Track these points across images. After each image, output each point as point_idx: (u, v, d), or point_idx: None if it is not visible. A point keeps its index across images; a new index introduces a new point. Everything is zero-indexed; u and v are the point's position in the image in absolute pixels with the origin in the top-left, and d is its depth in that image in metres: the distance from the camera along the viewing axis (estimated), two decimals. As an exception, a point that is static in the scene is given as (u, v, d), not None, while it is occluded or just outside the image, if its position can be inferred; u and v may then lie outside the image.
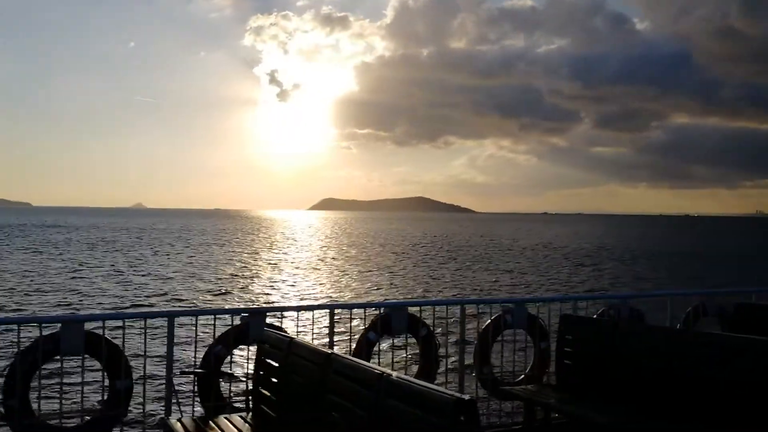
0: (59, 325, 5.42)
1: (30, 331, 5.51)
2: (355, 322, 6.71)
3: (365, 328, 6.57)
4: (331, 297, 28.83)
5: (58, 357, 5.47)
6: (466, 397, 3.21)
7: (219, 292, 29.47)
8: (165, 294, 28.43)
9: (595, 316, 7.55)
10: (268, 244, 71.68)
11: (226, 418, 5.24)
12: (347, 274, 39.27)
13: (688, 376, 5.41)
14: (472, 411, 3.13)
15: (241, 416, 5.29)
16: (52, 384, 5.93)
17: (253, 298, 27.97)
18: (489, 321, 7.09)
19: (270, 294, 29.85)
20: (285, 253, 57.84)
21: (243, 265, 44.69)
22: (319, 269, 43.34)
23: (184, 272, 38.30)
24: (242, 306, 23.22)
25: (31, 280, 32.28)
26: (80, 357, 5.53)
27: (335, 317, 6.52)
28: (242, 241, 77.61)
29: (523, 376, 7.27)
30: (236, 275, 37.46)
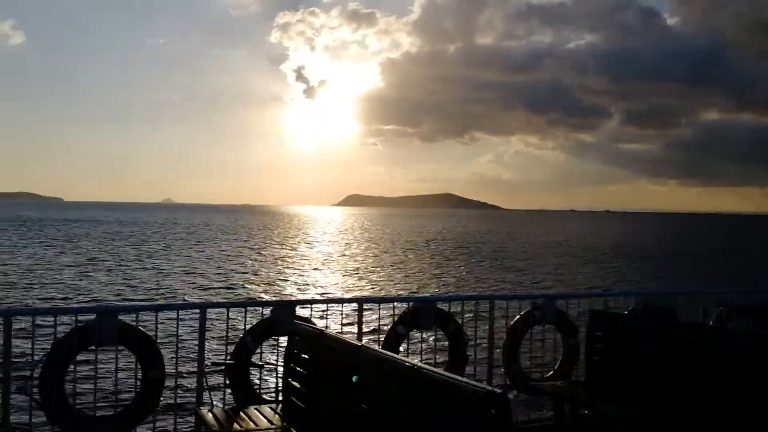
0: (94, 315, 5.50)
1: (66, 323, 5.59)
2: (383, 317, 6.72)
3: (394, 322, 6.58)
4: (359, 291, 29.04)
5: (93, 347, 5.56)
6: (498, 389, 3.20)
7: (249, 286, 30.02)
8: (196, 287, 29.04)
9: (625, 313, 7.47)
10: (295, 240, 72.35)
11: (256, 409, 5.29)
12: (374, 270, 39.50)
13: (720, 375, 5.33)
14: (503, 404, 3.12)
15: (271, 407, 5.34)
16: (87, 374, 6.02)
17: (283, 292, 28.35)
18: (518, 317, 7.06)
19: (299, 287, 30.25)
20: (311, 249, 58.37)
21: (272, 259, 45.39)
22: (345, 264, 43.66)
23: (215, 266, 39.10)
24: (272, 299, 23.47)
25: (63, 273, 33.06)
26: (114, 347, 5.61)
27: (364, 311, 6.55)
28: (270, 236, 78.45)
29: (552, 372, 7.23)
30: (265, 269, 38.08)
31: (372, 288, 30.46)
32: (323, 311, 6.68)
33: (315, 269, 39.70)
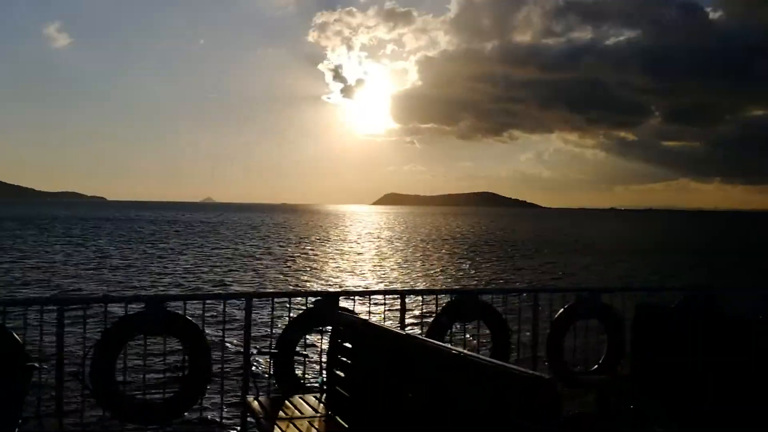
0: (143, 305, 5.62)
1: (117, 312, 5.71)
2: (426, 309, 6.73)
3: (437, 314, 6.57)
4: (400, 285, 29.24)
5: (142, 336, 5.67)
6: (546, 376, 3.18)
7: (293, 278, 30.69)
8: (242, 278, 29.86)
9: (672, 307, 7.34)
10: (335, 236, 73.21)
11: (300, 397, 5.35)
12: (415, 265, 39.75)
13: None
14: (551, 391, 3.09)
15: (315, 396, 5.38)
16: (136, 361, 6.15)
17: (326, 284, 28.86)
18: (562, 310, 7.00)
19: (341, 281, 30.73)
20: (351, 245, 59.04)
21: (313, 254, 46.19)
22: (387, 259, 44.09)
23: (260, 259, 40.11)
24: (315, 290, 23.81)
25: (115, 266, 34.17)
26: (162, 336, 5.72)
27: (406, 303, 6.55)
28: (310, 232, 79.44)
29: (596, 366, 7.15)
30: (308, 263, 38.79)
31: (413, 282, 30.67)
32: (366, 303, 6.71)
33: (357, 264, 40.31)
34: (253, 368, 5.82)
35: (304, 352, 6.12)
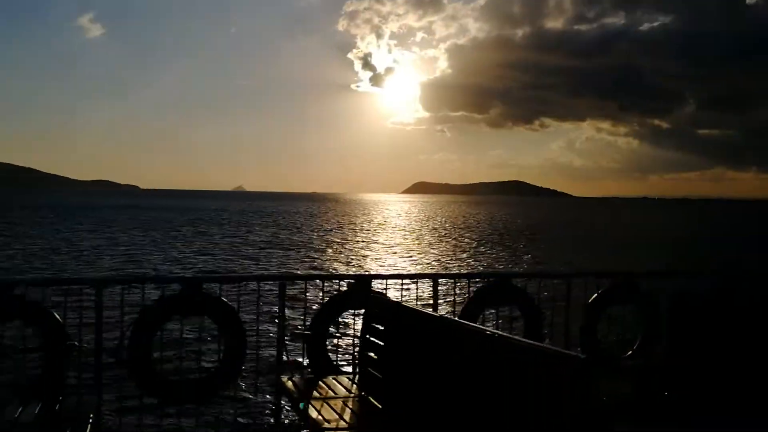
0: (179, 286, 5.70)
1: (153, 292, 5.82)
2: (458, 293, 6.71)
3: (469, 298, 6.56)
4: (431, 269, 29.44)
5: (178, 316, 5.75)
6: (581, 355, 3.16)
7: (326, 262, 31.27)
8: (276, 261, 30.54)
9: (710, 294, 7.22)
10: (367, 223, 73.92)
11: (334, 378, 5.40)
12: (447, 250, 39.99)
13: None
14: (588, 370, 3.07)
15: (348, 377, 5.43)
16: (173, 341, 6.26)
17: (358, 268, 29.25)
18: (596, 295, 6.93)
19: (373, 265, 31.16)
20: (383, 231, 59.63)
21: (346, 240, 46.86)
22: (418, 245, 44.45)
23: (294, 244, 40.97)
24: (348, 273, 24.13)
25: (152, 249, 35.15)
26: (198, 317, 5.80)
27: (439, 287, 6.55)
28: (342, 220, 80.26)
29: (630, 352, 7.07)
30: (340, 249, 39.38)
31: (445, 267, 30.87)
32: (398, 286, 6.73)
33: (388, 250, 40.83)
34: (287, 349, 5.86)
35: (337, 334, 6.16)
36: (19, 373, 5.50)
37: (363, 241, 47.66)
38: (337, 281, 6.41)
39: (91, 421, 4.12)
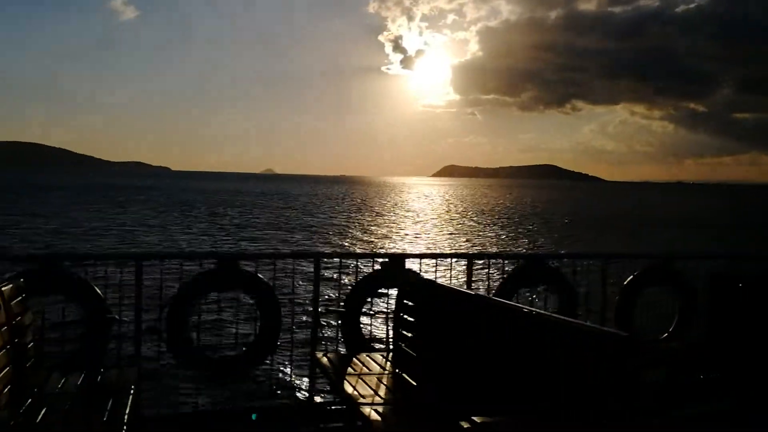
0: (216, 261, 5.77)
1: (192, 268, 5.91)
2: (493, 273, 6.71)
3: (504, 279, 6.54)
4: (466, 249, 29.61)
5: (215, 292, 5.84)
6: (624, 333, 3.14)
7: (361, 242, 31.72)
8: (312, 240, 31.06)
9: (747, 276, 7.11)
10: (399, 206, 74.38)
11: (367, 355, 5.43)
12: (481, 232, 40.04)
13: None
14: (631, 347, 3.05)
15: (382, 354, 5.46)
16: (210, 316, 6.36)
17: (391, 247, 29.61)
18: (632, 276, 6.87)
19: (407, 245, 31.48)
20: (415, 214, 59.95)
21: (377, 222, 47.30)
22: (451, 226, 44.60)
23: (329, 225, 41.55)
24: (382, 252, 24.39)
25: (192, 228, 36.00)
26: (234, 292, 5.87)
27: (473, 267, 6.54)
28: (374, 203, 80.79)
29: (666, 334, 7.01)
30: (373, 230, 39.82)
31: (478, 249, 30.97)
32: (432, 266, 6.73)
33: (420, 231, 41.11)
34: (321, 326, 5.92)
35: (371, 312, 6.19)
36: (62, 345, 5.63)
37: (394, 223, 48.00)
38: (370, 260, 6.43)
39: (132, 392, 4.21)
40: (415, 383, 4.62)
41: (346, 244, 32.60)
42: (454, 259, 6.91)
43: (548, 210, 71.26)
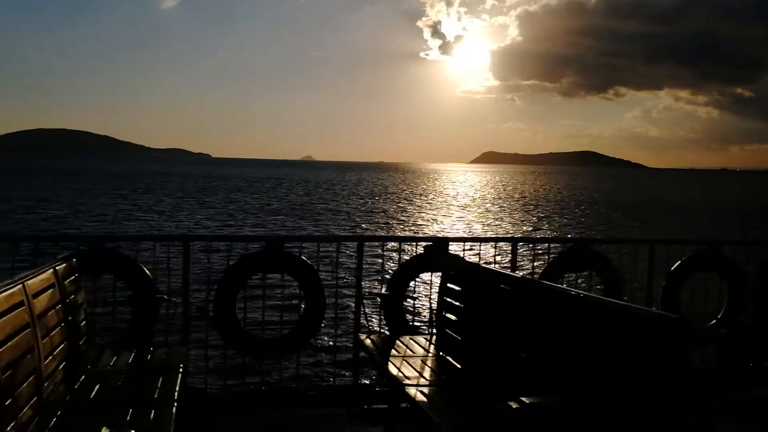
0: (262, 244, 5.84)
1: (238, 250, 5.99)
2: (537, 258, 6.65)
3: (548, 263, 6.49)
4: (509, 234, 29.63)
5: (261, 274, 5.91)
6: (674, 315, 3.09)
7: (403, 226, 32.10)
8: (355, 224, 31.55)
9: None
10: (440, 191, 74.76)
11: (411, 338, 5.45)
12: (524, 217, 39.91)
13: None
14: (682, 330, 3.00)
15: (425, 338, 5.47)
16: (256, 298, 6.44)
17: (435, 231, 29.83)
18: (679, 261, 6.74)
19: (449, 229, 31.65)
20: (457, 199, 60.13)
21: (419, 207, 47.67)
22: (494, 211, 44.60)
23: (371, 210, 42.13)
24: (425, 235, 24.53)
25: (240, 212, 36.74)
26: (280, 274, 5.94)
27: (517, 251, 6.50)
28: (413, 189, 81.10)
29: (714, 321, 6.88)
30: (416, 215, 40.11)
31: (522, 233, 30.95)
32: (476, 249, 6.71)
33: (462, 216, 41.20)
34: (365, 309, 5.94)
35: (414, 295, 6.20)
36: (112, 324, 5.77)
37: (437, 208, 48.18)
38: (414, 243, 6.43)
39: (181, 370, 4.29)
40: (459, 366, 4.62)
41: (389, 227, 32.92)
42: (498, 243, 6.87)
43: (591, 196, 70.44)
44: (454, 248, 6.28)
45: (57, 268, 4.25)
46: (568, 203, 57.02)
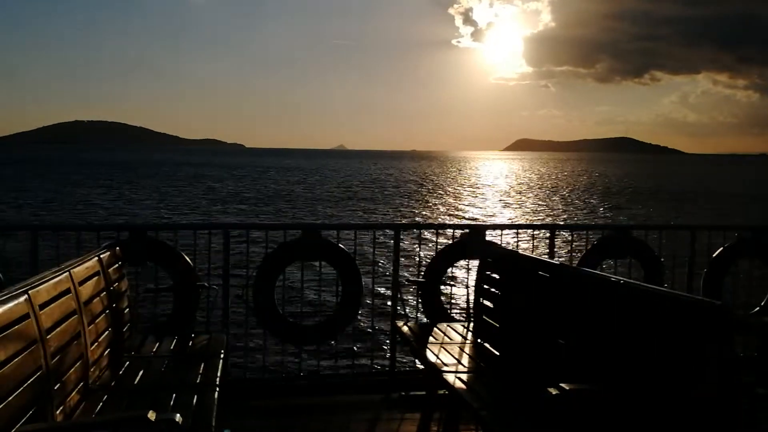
0: (300, 232, 5.89)
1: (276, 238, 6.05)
2: (576, 245, 6.59)
3: (587, 250, 6.41)
4: (546, 221, 29.53)
5: (299, 261, 5.96)
6: (718, 302, 3.04)
7: (439, 213, 32.33)
8: (392, 211, 31.91)
9: None
10: (476, 179, 74.79)
11: (448, 325, 5.46)
12: (559, 205, 39.68)
13: None
14: (725, 317, 2.95)
15: (462, 325, 5.47)
16: (294, 285, 6.49)
17: (471, 219, 29.94)
18: (722, 248, 6.60)
19: (486, 216, 31.73)
20: (493, 187, 60.08)
21: (456, 194, 47.82)
22: (531, 199, 44.48)
23: (407, 198, 42.44)
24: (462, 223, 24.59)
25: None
26: (317, 262, 5.99)
27: (555, 238, 6.44)
28: (447, 176, 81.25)
29: (757, 308, 6.74)
30: (453, 201, 40.26)
31: (560, 220, 30.78)
32: (513, 237, 6.67)
33: (498, 203, 41.19)
34: (402, 296, 5.95)
35: (451, 283, 6.20)
36: (154, 311, 5.88)
37: (472, 196, 48.14)
38: (450, 231, 6.42)
39: (222, 356, 4.36)
40: (498, 353, 4.61)
41: (426, 215, 33.10)
42: (535, 231, 6.82)
43: (629, 183, 69.55)
44: (490, 236, 6.26)
45: (101, 256, 4.34)
46: (605, 190, 56.34)
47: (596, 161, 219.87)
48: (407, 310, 5.99)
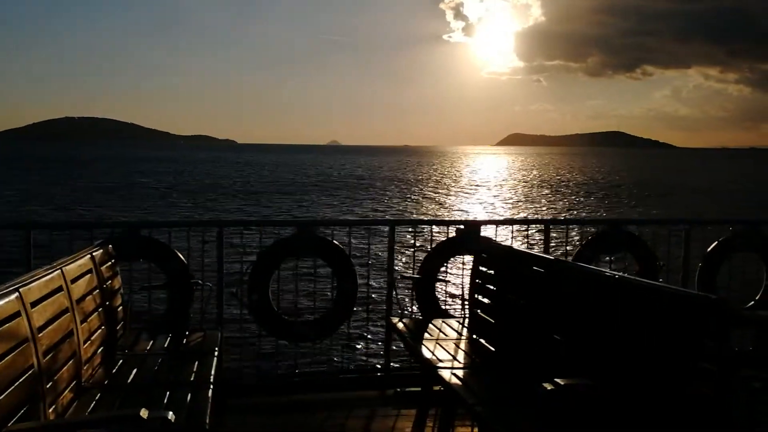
0: (295, 229, 5.86)
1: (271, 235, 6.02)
2: (570, 240, 6.59)
3: (581, 245, 6.42)
4: (540, 216, 29.60)
5: (293, 258, 5.94)
6: (713, 296, 3.03)
7: (433, 209, 32.31)
8: (386, 207, 31.88)
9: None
10: (470, 175, 74.83)
11: (443, 321, 5.44)
12: (553, 200, 39.78)
13: None
14: (721, 311, 2.94)
15: (457, 321, 5.46)
16: (288, 282, 6.47)
17: (465, 214, 29.97)
18: (716, 242, 6.61)
19: (481, 212, 31.81)
20: (487, 182, 60.16)
21: (449, 189, 47.86)
22: (526, 193, 44.61)
23: (402, 193, 42.45)
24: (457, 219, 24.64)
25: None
26: (312, 259, 5.97)
27: (550, 233, 6.43)
28: (441, 172, 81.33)
29: (752, 302, 6.76)
30: (446, 197, 40.30)
31: (554, 216, 30.86)
32: (508, 232, 6.66)
33: (492, 199, 41.26)
34: (396, 292, 5.94)
35: (446, 279, 6.18)
36: (148, 309, 5.85)
37: (466, 191, 48.20)
38: (445, 226, 6.40)
39: (216, 354, 4.33)
40: (493, 348, 4.60)
41: (420, 210, 33.17)
42: (530, 226, 6.81)
43: (620, 177, 69.73)
44: (485, 231, 6.24)
45: (94, 254, 4.30)
46: (598, 184, 56.51)
47: (589, 155, 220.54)
48: (403, 307, 5.98)
